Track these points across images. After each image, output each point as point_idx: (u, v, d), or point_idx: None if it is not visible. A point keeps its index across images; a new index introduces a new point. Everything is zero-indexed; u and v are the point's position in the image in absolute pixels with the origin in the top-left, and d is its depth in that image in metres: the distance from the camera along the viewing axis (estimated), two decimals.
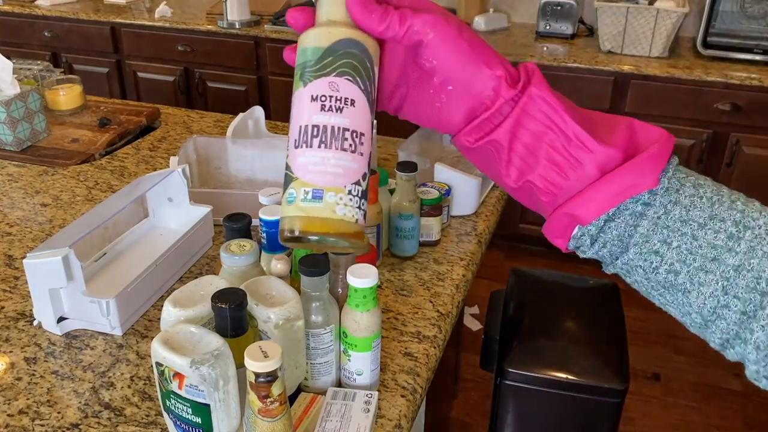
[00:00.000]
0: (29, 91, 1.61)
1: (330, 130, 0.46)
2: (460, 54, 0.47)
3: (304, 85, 0.47)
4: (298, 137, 0.47)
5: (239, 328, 0.74)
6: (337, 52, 0.46)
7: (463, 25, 0.48)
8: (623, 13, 2.52)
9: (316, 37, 0.47)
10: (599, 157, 0.47)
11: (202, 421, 0.72)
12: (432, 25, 0.46)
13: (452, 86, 0.48)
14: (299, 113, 0.47)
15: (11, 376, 0.92)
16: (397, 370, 0.94)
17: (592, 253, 0.49)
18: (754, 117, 2.42)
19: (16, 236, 1.26)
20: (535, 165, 0.48)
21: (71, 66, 3.37)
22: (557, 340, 1.43)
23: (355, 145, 0.47)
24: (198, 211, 1.20)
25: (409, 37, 0.47)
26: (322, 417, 0.80)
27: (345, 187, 0.46)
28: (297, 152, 0.47)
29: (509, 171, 0.49)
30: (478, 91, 0.48)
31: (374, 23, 0.46)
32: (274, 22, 2.94)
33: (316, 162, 0.46)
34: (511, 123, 0.47)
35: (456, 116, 0.49)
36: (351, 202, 0.46)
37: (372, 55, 0.48)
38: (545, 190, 0.48)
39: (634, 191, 0.46)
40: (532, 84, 0.47)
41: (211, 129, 1.80)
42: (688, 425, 2.11)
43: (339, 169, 0.46)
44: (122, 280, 1.02)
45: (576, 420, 1.40)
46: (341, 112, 0.46)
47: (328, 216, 0.46)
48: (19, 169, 1.54)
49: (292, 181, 0.47)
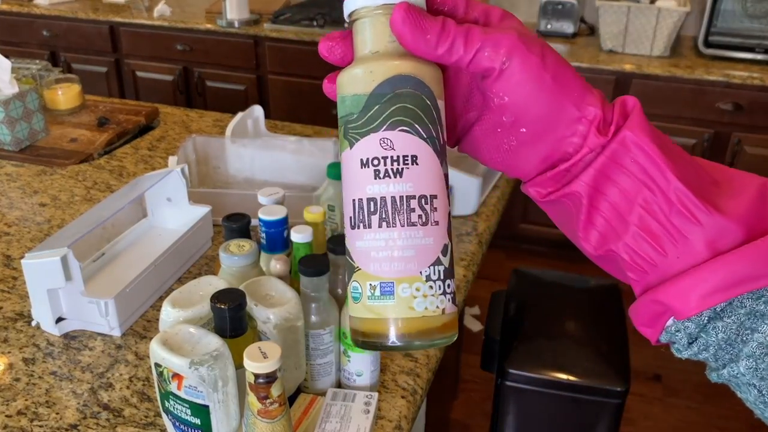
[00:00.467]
0: (28, 91, 1.60)
1: (390, 202, 0.37)
2: (541, 91, 0.36)
3: (350, 147, 0.38)
4: (354, 215, 0.38)
5: (238, 329, 0.73)
6: (385, 97, 0.37)
7: (548, 49, 0.37)
8: (624, 12, 2.52)
9: (355, 81, 0.37)
10: (710, 231, 0.36)
11: (201, 422, 0.72)
12: (509, 50, 0.36)
13: (526, 129, 0.38)
14: (349, 183, 0.38)
15: (9, 376, 0.92)
16: (397, 371, 0.93)
17: (689, 353, 0.38)
18: (756, 117, 2.41)
19: (15, 236, 1.26)
20: (623, 232, 0.37)
21: (70, 65, 3.36)
22: (558, 340, 1.42)
23: (426, 214, 0.37)
24: (197, 211, 1.19)
25: (477, 63, 0.36)
26: (321, 418, 0.80)
27: (421, 273, 0.37)
28: (354, 234, 0.38)
29: (588, 235, 0.38)
30: (559, 137, 0.37)
31: (430, 46, 0.36)
32: (274, 20, 2.94)
33: (379, 246, 0.37)
34: (594, 174, 0.37)
35: (527, 164, 0.39)
36: (432, 291, 0.37)
37: (432, 88, 0.37)
38: (634, 265, 0.38)
39: (756, 284, 0.35)
40: (627, 126, 0.37)
41: (211, 128, 1.80)
42: (689, 426, 2.11)
43: (410, 251, 0.37)
44: (121, 281, 1.01)
45: (577, 421, 1.40)
46: (401, 176, 0.37)
47: (405, 315, 0.37)
48: (17, 168, 1.54)
49: (354, 271, 0.38)
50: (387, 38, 0.37)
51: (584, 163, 0.37)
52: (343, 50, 0.39)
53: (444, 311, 0.38)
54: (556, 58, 0.37)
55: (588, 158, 0.37)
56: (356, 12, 0.38)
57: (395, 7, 0.36)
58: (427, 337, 0.37)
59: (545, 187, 0.39)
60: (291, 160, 1.41)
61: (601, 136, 0.37)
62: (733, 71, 2.39)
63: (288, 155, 1.42)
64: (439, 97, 0.38)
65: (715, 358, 0.37)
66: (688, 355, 0.38)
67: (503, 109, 0.37)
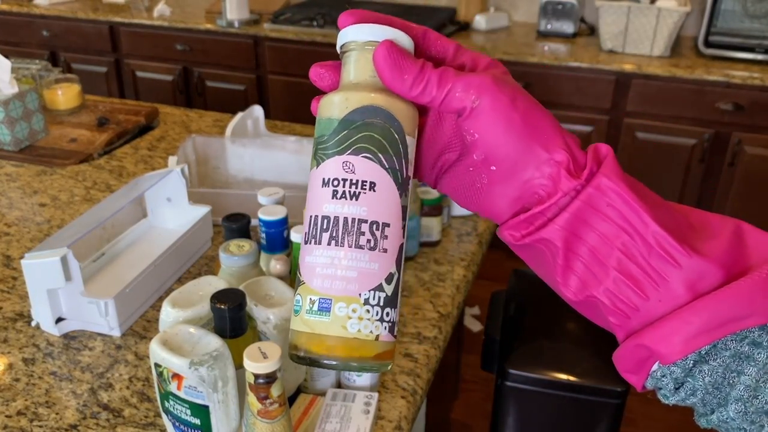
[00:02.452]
0: (27, 91, 1.60)
1: (342, 222, 0.38)
2: (510, 130, 0.37)
3: (317, 166, 0.39)
4: (308, 230, 0.39)
5: (238, 329, 0.73)
6: (354, 124, 0.38)
7: (520, 92, 0.39)
8: (625, 12, 2.51)
9: (332, 106, 0.39)
10: (690, 273, 0.36)
11: (201, 423, 0.72)
12: (478, 89, 0.37)
13: (496, 167, 0.38)
14: (311, 201, 0.39)
15: (9, 376, 0.91)
16: (398, 371, 0.93)
17: (677, 399, 0.38)
18: (756, 117, 2.41)
19: (14, 236, 1.26)
20: (602, 276, 0.37)
21: (69, 65, 3.36)
22: (558, 341, 1.42)
23: (376, 239, 0.38)
24: (197, 211, 1.19)
25: (448, 103, 0.38)
26: (321, 418, 0.80)
27: (360, 296, 0.37)
28: (306, 249, 0.39)
29: (567, 280, 0.38)
30: (527, 178, 0.38)
31: (405, 85, 0.38)
32: (274, 20, 2.94)
33: (324, 263, 0.38)
34: (570, 218, 0.37)
35: (498, 204, 0.40)
36: (368, 315, 0.37)
37: (403, 124, 0.39)
38: (615, 310, 0.38)
39: (739, 326, 0.35)
40: (602, 172, 0.37)
41: (210, 128, 1.79)
42: (689, 426, 2.10)
43: (352, 272, 0.37)
44: (121, 281, 1.01)
45: (577, 421, 1.40)
46: (356, 199, 0.38)
47: (337, 334, 0.37)
48: (17, 168, 1.54)
49: (299, 285, 0.39)
50: (369, 72, 0.39)
51: (558, 207, 0.38)
52: (331, 79, 0.41)
53: (378, 338, 0.38)
54: (527, 100, 0.38)
55: (562, 202, 0.37)
56: (346, 44, 0.40)
57: (378, 45, 0.38)
58: (355, 361, 0.38)
59: (518, 230, 0.39)
60: (291, 160, 1.41)
61: (572, 179, 0.37)
62: (733, 71, 2.39)
63: (288, 155, 1.42)
64: (409, 134, 0.39)
65: (703, 403, 0.37)
66: (675, 401, 0.38)
67: (474, 146, 0.38)
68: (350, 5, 0.46)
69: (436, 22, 2.81)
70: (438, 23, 2.80)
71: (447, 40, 0.42)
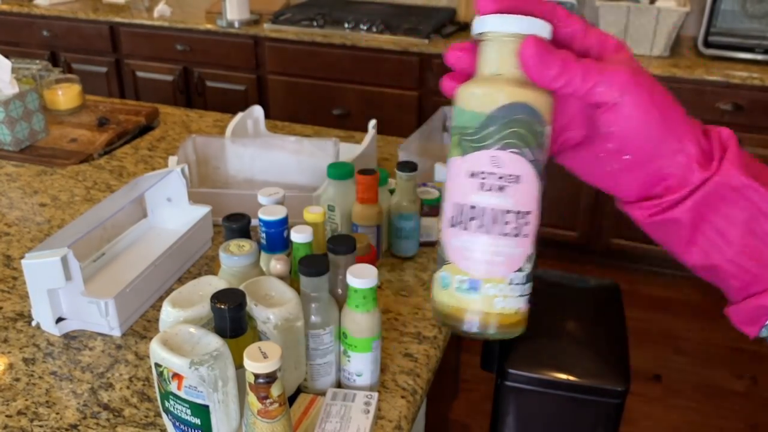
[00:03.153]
0: (28, 91, 1.60)
1: (490, 212, 0.40)
2: (648, 125, 0.40)
3: (462, 155, 0.41)
4: (455, 215, 0.42)
5: (238, 329, 0.73)
6: (502, 120, 0.40)
7: (657, 86, 0.41)
8: (624, 12, 2.52)
9: (476, 100, 0.41)
10: None
11: (201, 422, 0.72)
12: (621, 87, 0.39)
13: (630, 156, 0.41)
14: (455, 187, 0.42)
15: (9, 376, 0.92)
16: (397, 371, 0.93)
17: None
18: (756, 117, 2.41)
19: (15, 236, 1.26)
20: (725, 249, 0.42)
21: (70, 65, 3.36)
22: (558, 340, 1.42)
23: (519, 227, 0.41)
24: (197, 211, 1.19)
25: (590, 97, 0.40)
26: (321, 418, 0.80)
27: (506, 278, 0.41)
28: (452, 232, 0.42)
29: (690, 250, 0.43)
30: (659, 166, 0.41)
31: (550, 78, 0.39)
32: (274, 21, 2.94)
33: (473, 248, 0.41)
34: (698, 201, 0.41)
35: (627, 187, 0.43)
36: (512, 292, 0.42)
37: (543, 115, 0.41)
38: (736, 275, 0.42)
39: None
40: (728, 158, 0.41)
41: (210, 129, 1.80)
42: (689, 426, 2.11)
43: (500, 257, 0.41)
44: (121, 281, 1.01)
45: (577, 421, 1.40)
46: (503, 191, 0.40)
47: (485, 310, 0.41)
48: (17, 168, 1.54)
49: (445, 263, 0.42)
50: (512, 64, 0.40)
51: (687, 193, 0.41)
52: (469, 62, 0.42)
53: (518, 311, 0.42)
54: (662, 93, 0.41)
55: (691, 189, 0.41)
56: (487, 33, 0.41)
57: (525, 40, 0.39)
58: (499, 331, 0.42)
59: (646, 210, 0.43)
60: (291, 160, 1.41)
61: (702, 170, 0.41)
62: (732, 71, 2.39)
63: (288, 155, 1.42)
64: (548, 124, 0.41)
65: None
66: None
67: (609, 137, 0.41)
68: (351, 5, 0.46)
69: (436, 22, 2.81)
70: (438, 23, 2.80)
71: (574, 17, 0.43)
